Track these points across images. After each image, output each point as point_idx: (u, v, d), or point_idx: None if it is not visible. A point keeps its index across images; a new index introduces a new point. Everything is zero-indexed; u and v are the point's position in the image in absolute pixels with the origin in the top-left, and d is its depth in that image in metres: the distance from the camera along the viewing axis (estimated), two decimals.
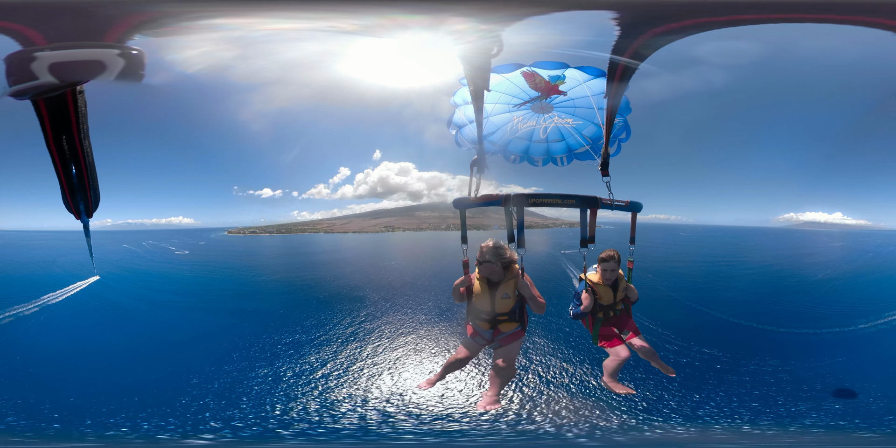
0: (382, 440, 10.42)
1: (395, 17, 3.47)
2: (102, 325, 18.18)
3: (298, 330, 17.17)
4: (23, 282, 25.10)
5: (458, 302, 4.62)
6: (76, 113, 3.05)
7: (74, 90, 2.88)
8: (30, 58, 2.50)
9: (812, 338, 16.77)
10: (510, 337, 4.54)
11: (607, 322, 4.94)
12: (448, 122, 5.31)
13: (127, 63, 2.72)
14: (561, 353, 14.47)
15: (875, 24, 3.15)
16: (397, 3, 3.47)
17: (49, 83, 2.63)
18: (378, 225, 60.25)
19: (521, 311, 4.54)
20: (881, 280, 24.86)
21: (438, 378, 4.88)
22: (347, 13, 3.61)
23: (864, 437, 10.32)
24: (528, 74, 4.98)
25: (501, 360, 4.45)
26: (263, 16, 3.58)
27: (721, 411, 11.59)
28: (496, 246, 4.36)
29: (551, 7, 3.28)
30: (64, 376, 13.08)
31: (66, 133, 3.17)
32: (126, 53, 2.71)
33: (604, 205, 4.40)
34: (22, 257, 34.49)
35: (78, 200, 3.51)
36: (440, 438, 10.28)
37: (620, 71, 3.65)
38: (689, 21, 3.01)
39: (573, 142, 5.38)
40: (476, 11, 3.20)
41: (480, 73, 3.86)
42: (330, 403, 11.90)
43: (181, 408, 11.64)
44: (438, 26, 3.34)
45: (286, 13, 3.65)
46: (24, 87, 2.59)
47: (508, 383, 4.66)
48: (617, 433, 10.40)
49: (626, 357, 4.68)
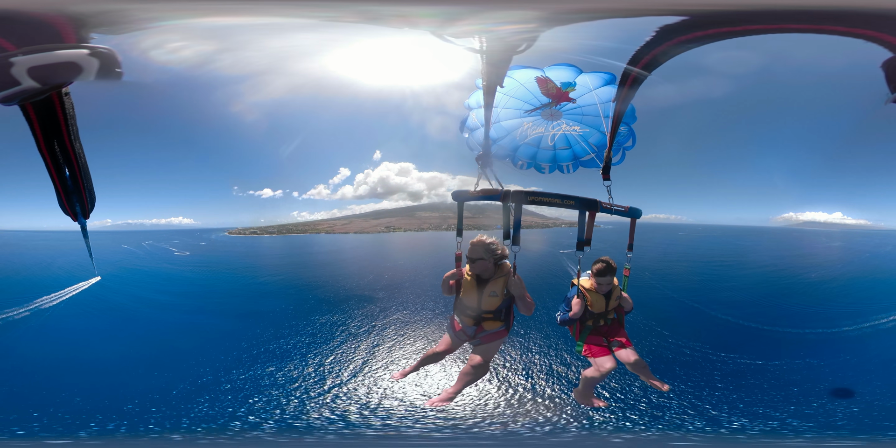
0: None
1: (407, 15, 3.41)
2: (105, 328, 18.13)
3: (312, 330, 17.20)
4: (23, 282, 25.10)
5: (447, 295, 4.56)
6: (64, 115, 3.02)
7: (60, 93, 2.85)
8: (7, 63, 2.47)
9: (794, 337, 16.81)
10: (492, 336, 4.48)
11: (597, 331, 4.72)
12: (461, 124, 5.29)
13: (101, 62, 2.68)
14: (547, 356, 14.46)
15: (860, 36, 3.09)
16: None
17: (33, 87, 2.61)
18: (379, 225, 60.24)
19: (508, 310, 4.47)
20: (875, 282, 24.84)
21: (413, 369, 4.85)
22: (351, 7, 3.55)
23: (859, 438, 10.27)
24: (541, 80, 4.97)
25: (479, 358, 4.41)
26: (253, 12, 3.53)
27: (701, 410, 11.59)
28: (488, 242, 4.29)
29: (595, 14, 3.23)
30: (68, 379, 13.05)
31: (56, 136, 3.16)
32: (97, 53, 2.68)
33: (603, 208, 4.32)
34: (21, 258, 34.51)
35: (74, 202, 3.53)
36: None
37: (632, 79, 3.61)
38: (700, 33, 2.97)
39: (579, 149, 5.36)
40: (515, 9, 3.14)
41: (498, 68, 3.79)
42: (355, 404, 11.89)
43: (195, 409, 11.67)
44: (451, 24, 3.28)
45: (283, 9, 3.60)
46: (9, 93, 2.57)
47: (476, 382, 4.57)
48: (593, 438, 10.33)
49: (609, 368, 4.39)
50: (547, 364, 13.90)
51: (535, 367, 13.69)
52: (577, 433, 10.24)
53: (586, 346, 4.63)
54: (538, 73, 4.94)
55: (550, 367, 13.68)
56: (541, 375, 13.29)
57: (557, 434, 10.29)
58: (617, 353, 4.53)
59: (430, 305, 19.95)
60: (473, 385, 4.80)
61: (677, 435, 10.50)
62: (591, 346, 4.63)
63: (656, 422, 10.90)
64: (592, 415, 10.74)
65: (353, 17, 3.63)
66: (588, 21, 3.39)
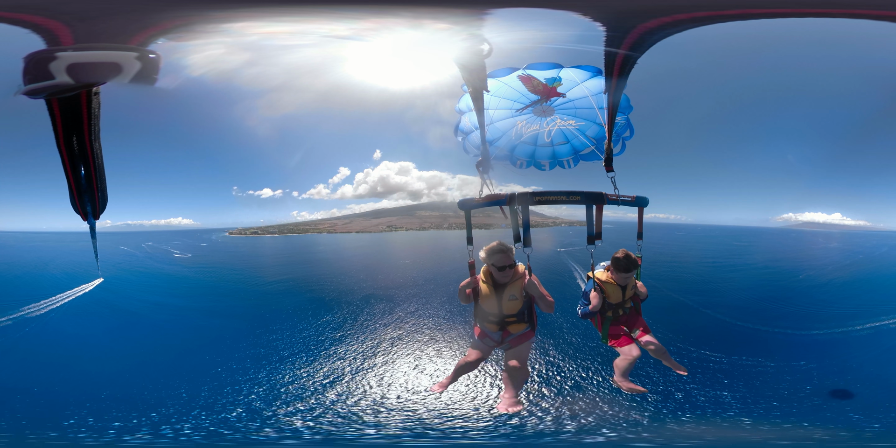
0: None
1: (379, 19, 3.51)
2: (109, 330, 17.99)
3: (331, 332, 17.23)
4: (22, 284, 24.93)
5: (465, 303, 4.68)
6: (89, 114, 3.07)
7: (90, 91, 2.90)
8: (50, 57, 2.53)
9: (767, 335, 17.04)
10: (520, 338, 4.59)
11: (616, 321, 4.93)
12: (455, 129, 5.37)
13: (143, 66, 2.75)
14: (570, 352, 14.51)
15: (878, 17, 3.15)
16: (380, 7, 3.50)
17: (65, 83, 2.66)
18: (380, 225, 60.02)
19: (530, 311, 4.58)
20: (866, 282, 24.88)
21: (450, 381, 4.92)
22: (340, 18, 3.64)
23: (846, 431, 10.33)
24: (524, 78, 5.04)
25: (514, 362, 4.48)
26: (264, 20, 3.62)
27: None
28: (508, 248, 4.36)
29: (526, 2, 3.31)
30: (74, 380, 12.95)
31: (77, 134, 3.20)
32: (143, 56, 2.75)
33: (609, 200, 4.44)
34: (21, 259, 34.25)
35: (85, 202, 3.54)
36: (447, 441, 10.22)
37: (619, 65, 3.67)
38: (684, 15, 3.03)
39: (578, 143, 5.45)
40: (450, 11, 3.23)
41: (477, 74, 3.92)
42: (366, 406, 11.86)
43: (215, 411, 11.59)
44: (422, 26, 3.38)
45: (284, 18, 3.69)
46: (39, 86, 2.62)
47: (523, 384, 4.63)
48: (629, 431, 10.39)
49: (636, 356, 4.71)
50: (567, 359, 13.96)
51: (560, 364, 13.76)
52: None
53: (611, 337, 4.82)
54: (519, 72, 5.01)
55: (576, 361, 13.75)
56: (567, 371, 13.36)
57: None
58: (639, 340, 4.74)
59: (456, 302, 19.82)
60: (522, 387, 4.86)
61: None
62: (614, 335, 4.82)
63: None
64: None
65: (345, 29, 3.73)
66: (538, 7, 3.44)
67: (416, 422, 11.05)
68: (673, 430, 10.43)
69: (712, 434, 10.26)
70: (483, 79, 4.13)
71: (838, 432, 10.12)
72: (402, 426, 10.90)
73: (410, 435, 10.43)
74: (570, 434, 10.23)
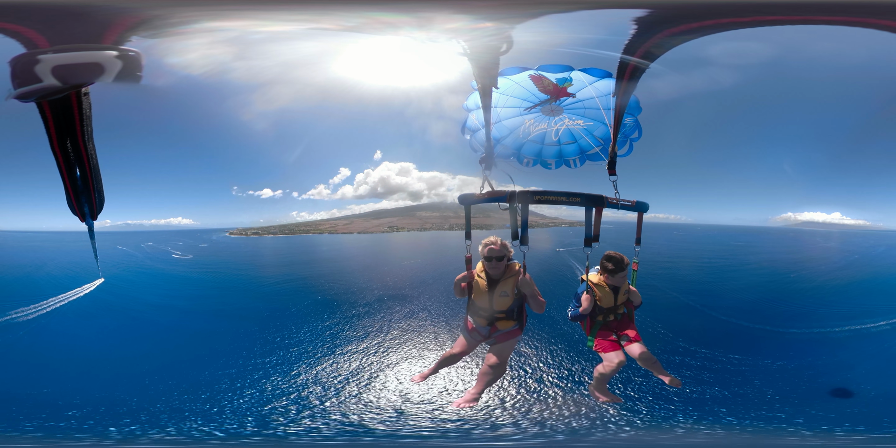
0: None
1: (382, 17, 3.46)
2: (112, 331, 17.97)
3: (337, 332, 17.19)
4: (22, 283, 24.93)
5: (459, 297, 4.72)
6: (80, 115, 3.03)
7: (79, 92, 2.86)
8: (34, 60, 2.49)
9: (758, 333, 17.10)
10: (507, 335, 4.62)
11: (606, 326, 4.79)
12: (462, 127, 5.34)
13: (124, 65, 2.72)
14: (557, 352, 14.50)
15: (881, 26, 3.12)
16: (386, 4, 3.45)
17: (53, 86, 2.62)
18: (381, 225, 60.08)
19: (520, 309, 4.59)
20: (861, 283, 24.86)
21: (432, 372, 5.01)
22: (340, 14, 3.59)
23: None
24: (535, 77, 5.02)
25: (494, 358, 4.54)
26: (258, 18, 3.58)
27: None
28: (503, 242, 4.36)
29: (568, 5, 3.26)
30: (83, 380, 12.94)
31: (70, 135, 3.16)
32: (123, 55, 2.72)
33: (609, 204, 4.39)
34: (21, 259, 34.27)
35: (82, 202, 3.52)
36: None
37: (630, 70, 3.63)
38: (710, 21, 2.99)
39: (585, 143, 5.42)
40: (487, 9, 3.18)
41: (488, 71, 3.87)
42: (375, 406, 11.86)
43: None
44: (430, 25, 3.33)
45: (281, 15, 3.64)
46: (29, 90, 2.59)
47: (496, 381, 4.62)
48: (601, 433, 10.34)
49: (619, 363, 4.49)
50: (556, 362, 13.96)
51: (544, 366, 13.75)
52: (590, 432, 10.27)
53: (596, 341, 4.69)
54: (531, 72, 4.98)
55: (560, 365, 13.75)
56: (551, 374, 13.35)
57: (574, 433, 10.31)
58: (626, 348, 4.59)
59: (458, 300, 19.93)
60: (495, 385, 4.84)
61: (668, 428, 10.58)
62: (601, 341, 4.70)
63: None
64: (608, 409, 10.81)
65: (337, 26, 3.67)
66: (562, 12, 3.40)
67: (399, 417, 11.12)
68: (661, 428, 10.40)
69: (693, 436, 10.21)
70: (494, 76, 4.06)
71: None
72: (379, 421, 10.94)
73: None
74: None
